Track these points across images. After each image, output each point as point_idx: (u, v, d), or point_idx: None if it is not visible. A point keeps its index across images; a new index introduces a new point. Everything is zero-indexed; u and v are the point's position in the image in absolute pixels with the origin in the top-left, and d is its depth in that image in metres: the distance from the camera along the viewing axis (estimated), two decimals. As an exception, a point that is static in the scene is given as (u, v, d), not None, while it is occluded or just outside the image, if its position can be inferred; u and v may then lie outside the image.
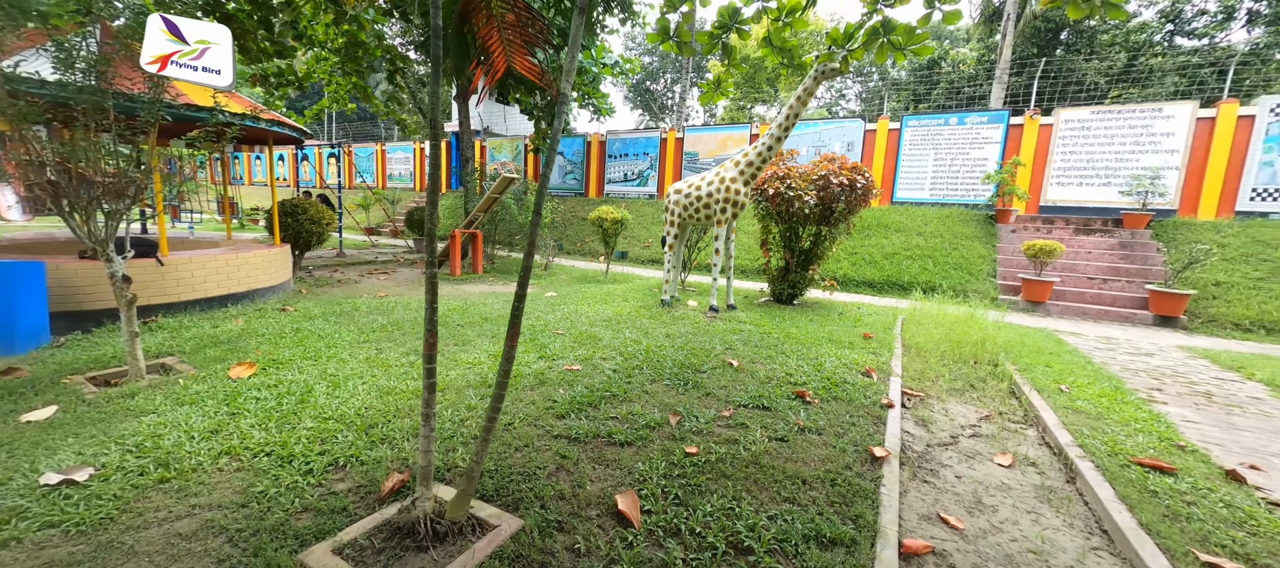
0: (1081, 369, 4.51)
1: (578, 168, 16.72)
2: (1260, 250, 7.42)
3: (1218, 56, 13.16)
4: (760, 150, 5.78)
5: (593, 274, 9.62)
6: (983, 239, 9.39)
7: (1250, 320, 6.63)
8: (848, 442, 2.86)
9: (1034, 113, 10.22)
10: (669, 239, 6.53)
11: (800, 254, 6.94)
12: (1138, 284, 7.70)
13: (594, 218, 8.64)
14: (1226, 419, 3.56)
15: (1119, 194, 9.50)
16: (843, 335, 5.23)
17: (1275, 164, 8.52)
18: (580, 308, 6.09)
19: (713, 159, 14.17)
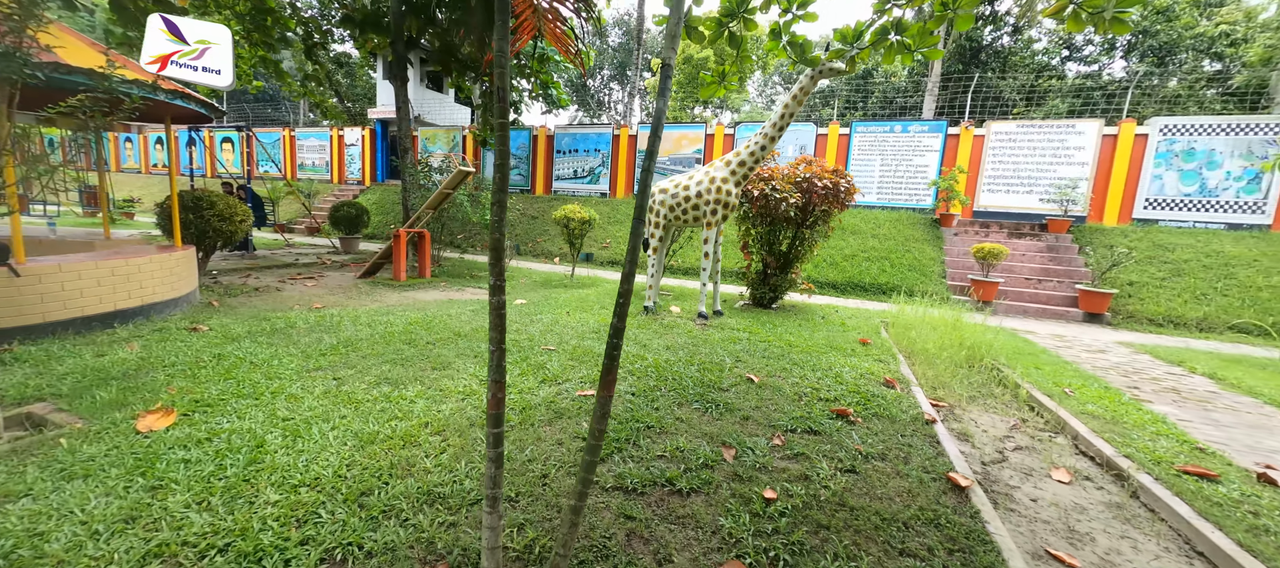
0: (1064, 370, 4.71)
1: (523, 163, 15.81)
2: (1160, 253, 8.41)
3: (1103, 82, 15.12)
4: (753, 149, 5.55)
5: (556, 278, 8.98)
6: (931, 242, 9.93)
7: (1161, 316, 7.47)
8: (917, 469, 2.64)
9: (969, 124, 10.99)
10: (653, 242, 6.13)
11: (780, 257, 6.83)
12: (1067, 284, 8.46)
13: (559, 217, 8.02)
14: (1209, 416, 3.80)
15: (1040, 201, 10.46)
16: (842, 342, 5.13)
17: (1164, 177, 9.76)
18: (560, 318, 5.53)
19: (669, 159, 13.94)
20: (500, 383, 1.47)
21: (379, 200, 16.18)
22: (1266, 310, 7.22)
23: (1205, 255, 8.28)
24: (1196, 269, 8.07)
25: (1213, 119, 9.47)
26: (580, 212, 8.00)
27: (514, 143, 15.88)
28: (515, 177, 15.94)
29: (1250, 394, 4.34)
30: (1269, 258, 8.01)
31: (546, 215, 13.66)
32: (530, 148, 15.64)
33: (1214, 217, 9.44)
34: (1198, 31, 13.94)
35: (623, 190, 14.51)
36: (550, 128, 15.55)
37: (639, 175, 8.31)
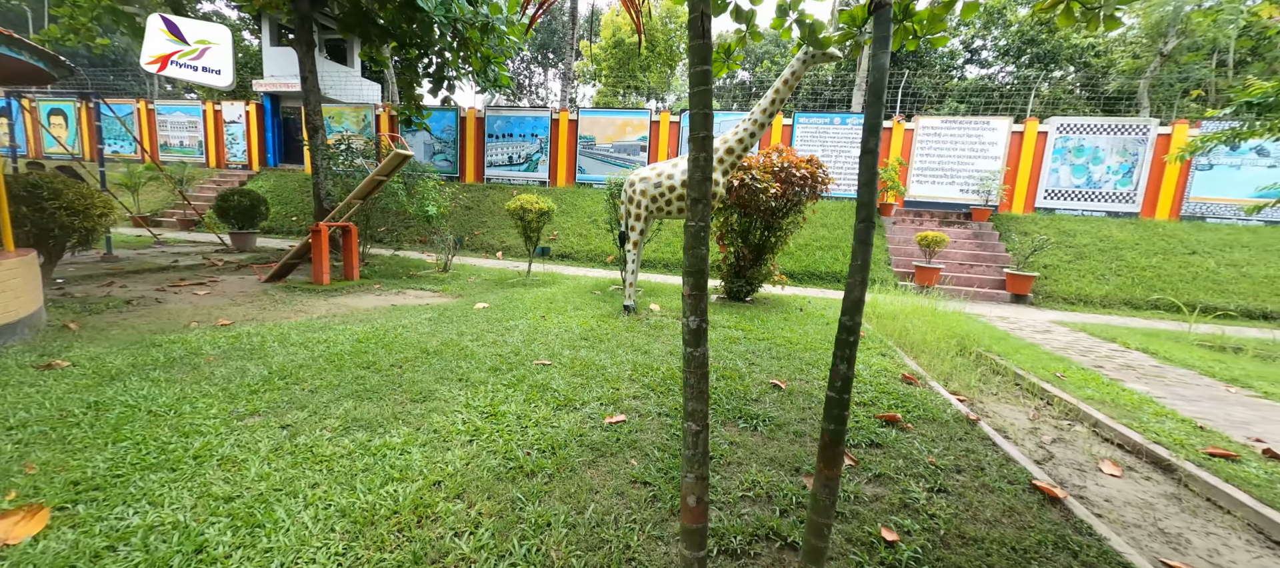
0: (1037, 354, 4.96)
1: (449, 147, 14.41)
2: (1065, 239, 9.45)
3: (997, 84, 16.97)
4: (741, 136, 5.23)
5: (509, 275, 8.15)
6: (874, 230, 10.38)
7: (1073, 295, 8.37)
8: (1000, 480, 2.47)
9: (900, 118, 11.64)
10: (633, 236, 5.64)
11: (754, 248, 6.65)
12: (994, 268, 9.24)
13: (514, 207, 7.22)
14: (1173, 391, 4.14)
15: (960, 192, 11.36)
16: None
17: (1060, 171, 11.00)
18: (537, 323, 4.88)
19: (612, 145, 13.37)
20: (703, 484, 0.97)
21: (276, 188, 13.92)
22: (1150, 287, 8.35)
23: (1099, 240, 9.44)
24: (1094, 253, 9.17)
25: (1097, 120, 10.80)
26: (538, 202, 7.26)
27: (438, 125, 14.42)
28: (441, 163, 14.50)
29: (1184, 366, 4.85)
30: (1146, 242, 9.30)
31: (482, 205, 12.54)
32: (457, 130, 14.28)
33: (1098, 205, 10.82)
34: (1073, 42, 16.21)
35: (563, 178, 13.73)
36: (480, 109, 14.29)
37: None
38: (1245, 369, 4.74)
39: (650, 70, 25.29)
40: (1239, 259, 8.69)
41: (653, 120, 13.10)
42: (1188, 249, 9.02)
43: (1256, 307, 7.85)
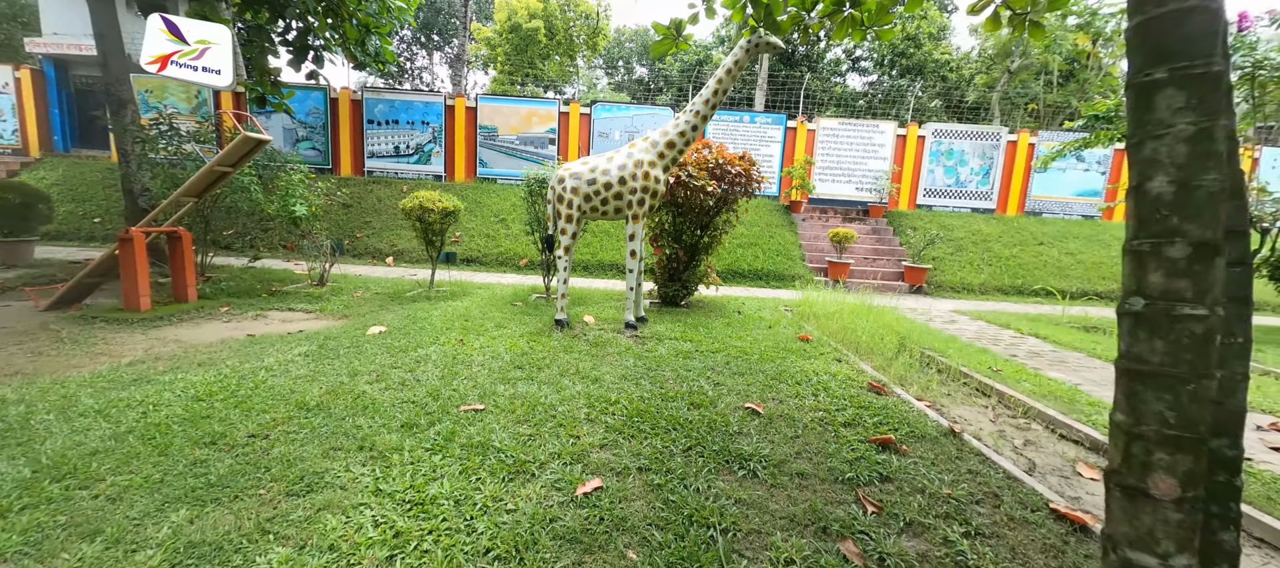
0: (961, 346, 5.20)
1: (318, 133, 12.24)
2: (946, 233, 10.49)
3: (872, 91, 18.77)
4: (682, 130, 4.78)
5: (407, 286, 6.91)
6: (787, 227, 10.69)
7: (958, 284, 9.28)
8: (1018, 505, 2.28)
9: (804, 119, 12.15)
10: (564, 240, 4.92)
11: (689, 249, 6.29)
12: (893, 261, 9.95)
13: (411, 207, 6.06)
14: (1086, 377, 4.50)
15: (857, 190, 12.18)
16: (786, 342, 4.81)
17: (935, 172, 12.25)
18: (454, 350, 4.00)
19: (517, 137, 12.29)
20: None
21: (67, 180, 10.72)
22: (1015, 274, 9.54)
23: (972, 234, 10.63)
24: (969, 245, 10.29)
25: (962, 127, 12.19)
26: (441, 200, 6.18)
27: (302, 106, 12.17)
28: (309, 151, 12.27)
29: (1073, 349, 5.39)
30: (1006, 235, 10.66)
31: (365, 202, 10.77)
32: (327, 114, 12.17)
33: (965, 202, 12.24)
34: (935, 57, 18.47)
35: (463, 172, 12.35)
36: (356, 90, 12.31)
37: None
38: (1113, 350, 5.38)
39: (549, 59, 24.15)
40: (1074, 248, 10.31)
41: (561, 111, 12.26)
42: (1037, 240, 10.51)
43: (1090, 289, 9.33)
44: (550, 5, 22.85)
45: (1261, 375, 4.65)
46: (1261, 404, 3.88)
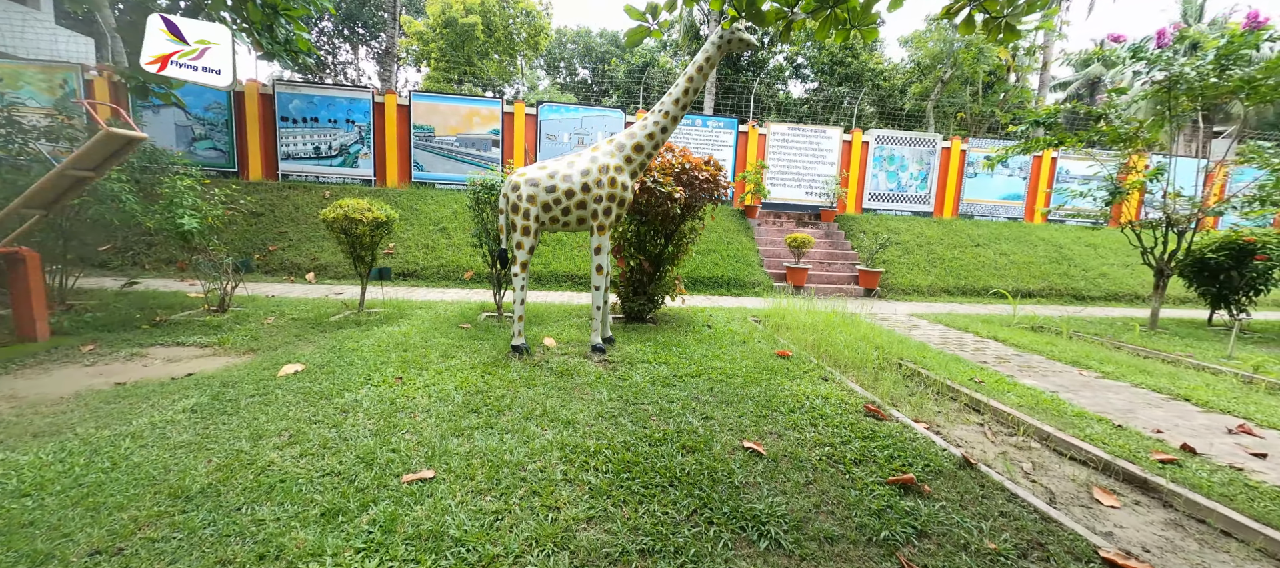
0: (935, 355, 5.12)
1: (220, 131, 10.74)
2: (893, 236, 10.77)
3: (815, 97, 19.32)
4: (651, 132, 4.35)
5: (331, 309, 5.98)
6: (744, 232, 10.55)
7: (908, 286, 9.50)
8: (1069, 558, 2.03)
9: (754, 123, 12.12)
10: (521, 254, 4.33)
11: (654, 260, 5.88)
12: (847, 265, 10.06)
13: (334, 218, 5.20)
14: (1055, 382, 4.51)
15: (806, 194, 12.31)
16: (765, 359, 4.49)
17: (878, 176, 12.63)
18: (391, 392, 3.33)
19: (457, 138, 11.38)
20: None
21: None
22: (958, 275, 9.92)
23: (917, 236, 11.00)
24: (915, 248, 10.62)
25: (902, 133, 12.66)
26: (371, 209, 5.37)
27: (199, 100, 10.63)
28: (209, 152, 10.72)
29: (1034, 352, 5.49)
30: (947, 237, 11.12)
31: (279, 210, 9.49)
32: (231, 110, 10.69)
33: (906, 206, 12.71)
34: (872, 66, 19.35)
35: (395, 176, 11.27)
36: (266, 82, 10.91)
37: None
38: (1069, 350, 5.53)
39: (488, 57, 23.02)
40: (1006, 250, 10.91)
41: (506, 111, 11.50)
42: (974, 242, 11.04)
43: (1023, 287, 9.88)
44: (488, 1, 21.78)
45: (1213, 375, 4.88)
46: (1218, 404, 4.00)
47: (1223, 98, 6.44)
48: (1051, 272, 10.40)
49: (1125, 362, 5.13)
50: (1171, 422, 3.72)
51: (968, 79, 14.55)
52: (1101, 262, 10.93)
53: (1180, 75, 6.44)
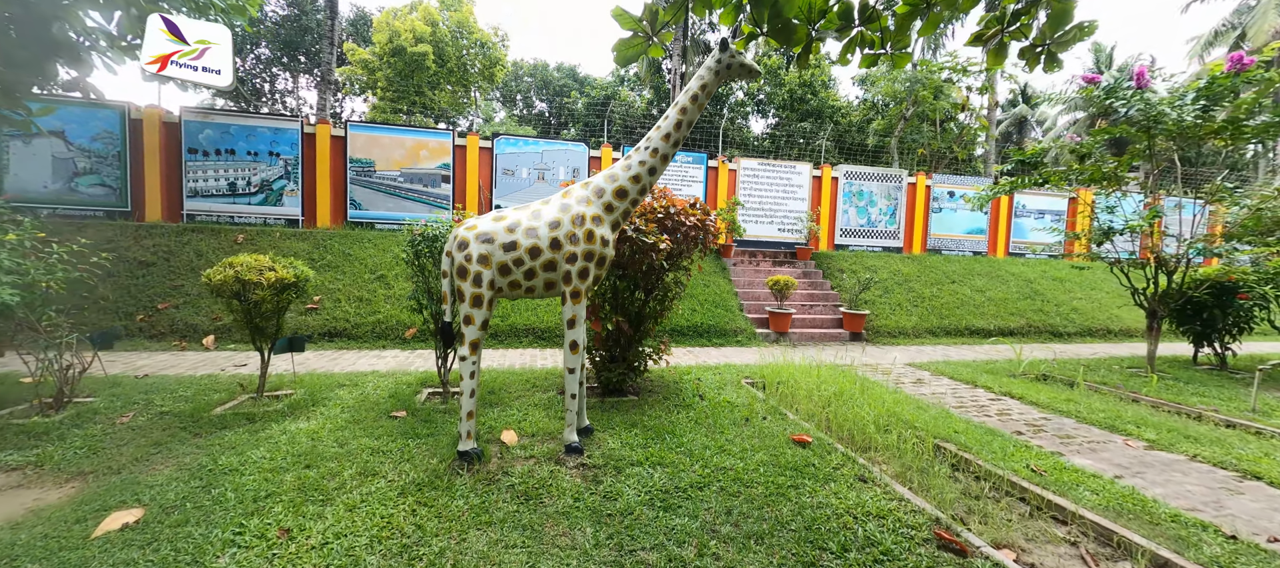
0: (970, 427, 4.43)
1: (108, 166, 9.12)
2: (871, 274, 10.37)
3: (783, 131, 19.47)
4: (637, 173, 3.52)
5: (219, 391, 4.67)
6: (720, 273, 9.86)
7: (894, 328, 9.02)
8: None
9: (724, 158, 11.65)
10: (470, 330, 3.31)
11: (635, 318, 4.98)
12: (830, 307, 9.51)
13: (222, 280, 3.99)
14: (1109, 459, 3.88)
15: (779, 231, 11.87)
16: (784, 448, 3.63)
17: (848, 212, 12.40)
18: (272, 554, 2.21)
19: (401, 173, 10.21)
20: None
21: None
22: (941, 315, 9.57)
23: (894, 274, 10.67)
24: (894, 286, 10.26)
25: (870, 169, 12.55)
26: (275, 268, 4.20)
27: (86, 129, 9.03)
28: (94, 189, 9.06)
29: (1060, 414, 4.92)
30: (923, 274, 10.87)
31: (177, 258, 7.95)
32: (124, 140, 9.13)
33: (877, 242, 12.50)
34: (831, 103, 19.76)
35: (328, 216, 9.92)
36: (170, 110, 9.44)
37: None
38: (1094, 408, 5.02)
39: (440, 88, 21.94)
40: (980, 285, 10.76)
41: (457, 144, 10.47)
42: (949, 279, 10.83)
43: (1003, 325, 9.65)
44: (439, 31, 20.87)
45: (1256, 435, 4.42)
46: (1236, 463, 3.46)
47: (1203, 138, 6.37)
48: (1026, 308, 10.27)
49: (1160, 424, 4.62)
50: (1268, 514, 3.12)
51: (924, 116, 14.86)
52: (1069, 296, 10.96)
53: (1159, 115, 6.32)
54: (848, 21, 3.10)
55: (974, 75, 14.75)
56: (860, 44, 3.27)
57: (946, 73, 14.33)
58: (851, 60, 3.32)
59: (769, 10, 2.58)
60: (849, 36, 3.16)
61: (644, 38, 2.43)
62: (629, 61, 2.51)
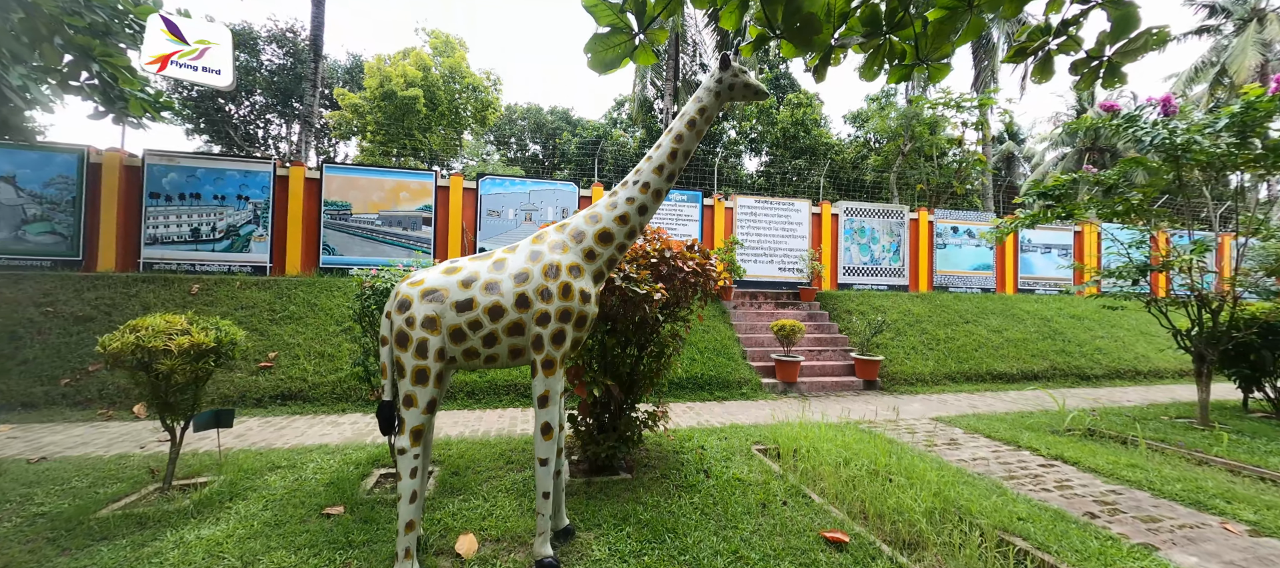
0: (1031, 508, 3.68)
1: (61, 212, 8.48)
2: (876, 315, 9.72)
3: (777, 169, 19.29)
4: (623, 212, 2.91)
5: (122, 478, 3.85)
6: (719, 317, 9.18)
7: (910, 375, 8.31)
8: None
9: (720, 196, 11.20)
10: (412, 413, 2.59)
11: (626, 380, 4.27)
12: (839, 352, 8.81)
13: (120, 349, 3.28)
14: (1234, 563, 3.13)
15: (780, 270, 11.29)
16: (814, 549, 2.86)
17: (851, 249, 11.88)
18: None
19: (379, 216, 9.63)
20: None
21: None
22: (959, 359, 8.89)
23: (903, 313, 10.04)
24: (905, 327, 9.60)
25: (871, 205, 12.13)
26: (191, 331, 3.49)
27: (41, 175, 8.45)
28: (43, 237, 8.38)
29: (1131, 483, 4.18)
30: (935, 314, 10.25)
31: (124, 311, 7.20)
32: (82, 185, 8.53)
33: (881, 280, 11.94)
34: (824, 141, 19.74)
35: (299, 262, 9.26)
36: (133, 153, 8.90)
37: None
38: (1166, 475, 4.29)
39: (432, 131, 21.77)
40: (996, 325, 10.13)
41: (440, 185, 9.95)
42: (963, 318, 10.20)
43: (1026, 368, 8.96)
44: (431, 76, 20.87)
45: None
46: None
47: (1239, 168, 5.91)
48: (1048, 349, 9.62)
49: (1253, 498, 3.90)
50: None
51: (921, 151, 14.63)
52: (1091, 335, 10.34)
53: (1188, 144, 5.87)
54: (874, 28, 2.57)
55: (967, 110, 14.62)
56: (888, 56, 2.74)
57: (940, 108, 14.20)
58: (879, 76, 2.78)
59: (784, 5, 2.03)
60: (876, 45, 2.63)
61: (627, 36, 1.85)
62: (609, 66, 1.92)
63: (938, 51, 2.63)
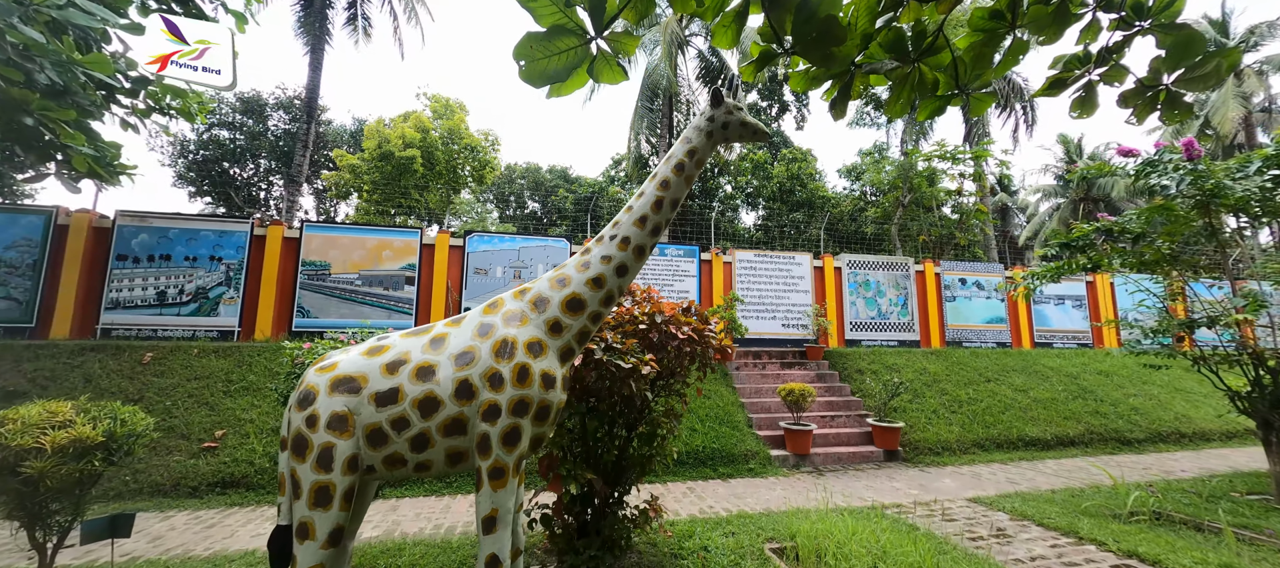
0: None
1: (22, 277, 7.99)
2: (891, 375, 9.02)
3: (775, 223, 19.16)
4: (598, 273, 2.37)
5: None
6: (722, 380, 8.48)
7: (935, 443, 7.52)
8: None
9: (718, 250, 10.78)
10: (312, 550, 1.92)
11: (611, 471, 3.58)
12: (853, 417, 8.05)
13: (-23, 448, 2.64)
14: None
15: (783, 327, 10.68)
16: None
17: (857, 304, 11.32)
18: None
19: (358, 275, 9.15)
20: None
21: None
22: (986, 423, 8.12)
23: (919, 372, 9.34)
24: (922, 388, 8.88)
25: (875, 258, 11.70)
26: (77, 422, 2.86)
27: (3, 239, 8.02)
28: (1, 303, 7.85)
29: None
30: (952, 372, 9.55)
31: (62, 384, 6.52)
32: (45, 246, 8.09)
33: (890, 335, 11.30)
34: (821, 195, 19.76)
35: (269, 327, 8.67)
36: (105, 213, 8.53)
37: None
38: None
39: (429, 190, 21.82)
40: (1021, 383, 9.41)
41: (425, 244, 9.54)
42: (983, 377, 9.49)
43: (1061, 432, 8.17)
44: (430, 137, 21.14)
45: None
46: None
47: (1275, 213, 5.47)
48: (1079, 409, 8.84)
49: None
50: None
51: (920, 202, 14.42)
52: (1123, 393, 9.58)
53: (1217, 188, 5.46)
54: (900, 55, 2.13)
55: (963, 162, 14.52)
56: (916, 87, 2.29)
57: (934, 160, 14.10)
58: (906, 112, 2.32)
59: (796, 11, 1.57)
60: (903, 74, 2.18)
61: (578, 39, 1.37)
62: (553, 81, 1.44)
63: (979, 79, 2.18)
